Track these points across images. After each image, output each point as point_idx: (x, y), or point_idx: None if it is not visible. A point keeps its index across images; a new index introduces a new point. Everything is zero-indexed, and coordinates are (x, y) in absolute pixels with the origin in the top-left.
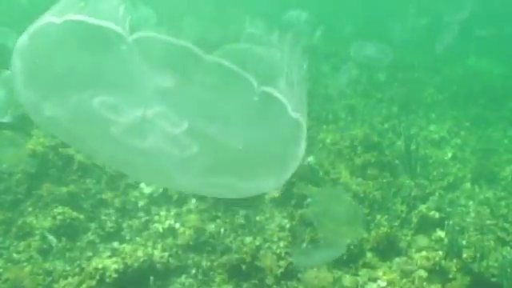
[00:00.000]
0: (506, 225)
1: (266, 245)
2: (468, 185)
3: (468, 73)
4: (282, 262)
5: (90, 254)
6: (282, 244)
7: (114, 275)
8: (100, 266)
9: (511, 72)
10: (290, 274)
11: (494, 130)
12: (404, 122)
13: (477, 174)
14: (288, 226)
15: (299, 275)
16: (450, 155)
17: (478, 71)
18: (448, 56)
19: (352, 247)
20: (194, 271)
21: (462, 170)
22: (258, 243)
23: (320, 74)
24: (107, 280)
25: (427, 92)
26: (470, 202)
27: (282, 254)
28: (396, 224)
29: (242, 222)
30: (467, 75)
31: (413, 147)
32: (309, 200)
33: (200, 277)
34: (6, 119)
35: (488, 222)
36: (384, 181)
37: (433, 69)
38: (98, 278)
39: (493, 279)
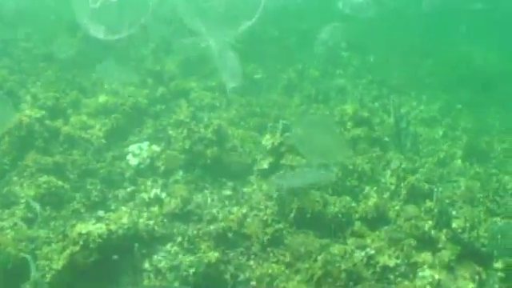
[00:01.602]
0: (497, 197)
1: (253, 212)
2: (459, 162)
3: (460, 56)
4: (268, 229)
5: (74, 222)
6: (268, 211)
7: (98, 240)
8: (84, 232)
9: (503, 55)
10: (277, 240)
11: (486, 112)
12: (394, 102)
13: (468, 152)
14: (275, 195)
15: (285, 241)
16: (440, 133)
17: (469, 55)
18: (440, 39)
19: (340, 216)
20: (179, 239)
21: (452, 148)
22: (244, 211)
23: (312, 56)
24: (91, 245)
25: (419, 74)
26: (461, 178)
27: (269, 221)
28: (385, 196)
29: (230, 193)
30: (459, 59)
31: (403, 125)
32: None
33: (186, 245)
34: None
35: (478, 195)
36: (374, 155)
37: (425, 52)
38: (81, 243)
39: (483, 249)
